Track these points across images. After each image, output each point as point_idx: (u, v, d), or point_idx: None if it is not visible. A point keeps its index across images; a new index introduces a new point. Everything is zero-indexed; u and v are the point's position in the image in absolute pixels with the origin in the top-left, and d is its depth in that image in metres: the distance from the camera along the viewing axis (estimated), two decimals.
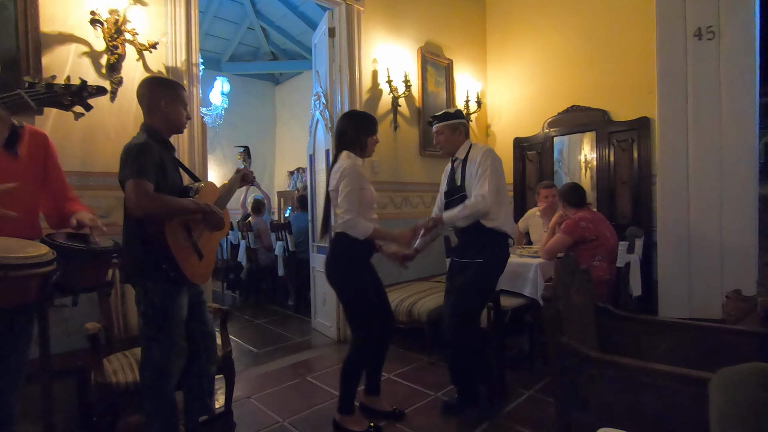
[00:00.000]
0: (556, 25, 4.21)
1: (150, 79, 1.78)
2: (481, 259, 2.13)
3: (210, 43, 6.69)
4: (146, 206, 1.49)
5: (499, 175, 2.16)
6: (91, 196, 2.24)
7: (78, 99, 1.22)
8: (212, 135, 6.64)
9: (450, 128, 2.24)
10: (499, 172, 2.15)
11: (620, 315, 1.85)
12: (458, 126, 2.24)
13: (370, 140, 2.13)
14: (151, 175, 1.53)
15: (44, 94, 1.16)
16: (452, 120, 2.24)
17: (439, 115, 2.29)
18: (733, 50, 2.87)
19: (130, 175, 1.50)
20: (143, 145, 1.56)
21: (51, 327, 1.51)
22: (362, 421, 2.09)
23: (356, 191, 1.99)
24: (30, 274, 1.07)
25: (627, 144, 3.75)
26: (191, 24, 2.61)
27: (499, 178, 2.15)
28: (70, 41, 2.22)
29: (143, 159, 1.52)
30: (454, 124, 2.23)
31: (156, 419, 1.62)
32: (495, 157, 2.15)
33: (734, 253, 2.89)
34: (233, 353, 2.17)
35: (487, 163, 2.11)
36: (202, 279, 1.73)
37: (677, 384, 1.20)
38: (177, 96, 1.72)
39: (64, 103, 1.20)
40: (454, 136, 2.24)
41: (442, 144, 2.27)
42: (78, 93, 1.21)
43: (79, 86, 1.20)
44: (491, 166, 2.11)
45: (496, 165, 2.14)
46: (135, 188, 1.48)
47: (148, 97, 1.69)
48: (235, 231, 5.69)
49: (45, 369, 1.54)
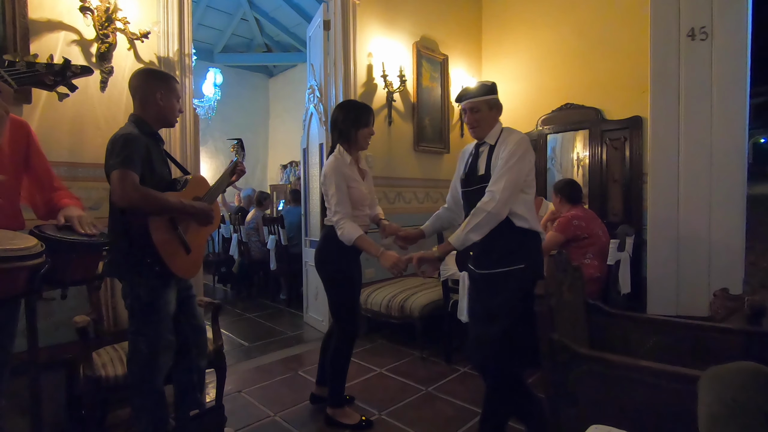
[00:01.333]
0: (551, 23, 4.22)
1: (145, 70, 1.75)
2: (522, 264, 1.69)
3: (202, 33, 6.59)
4: (131, 198, 1.47)
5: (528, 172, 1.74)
6: (80, 187, 2.20)
7: (61, 79, 1.18)
8: (204, 127, 6.56)
9: (488, 105, 1.82)
10: (527, 168, 1.74)
11: (610, 312, 1.87)
12: (496, 103, 1.85)
13: (360, 133, 2.05)
14: (137, 167, 1.51)
15: (24, 72, 1.12)
16: (491, 95, 1.83)
17: (474, 89, 1.85)
18: (725, 51, 2.90)
19: (115, 165, 1.47)
20: (129, 135, 1.53)
21: (39, 320, 1.48)
22: (353, 415, 2.10)
23: (342, 191, 1.98)
24: (18, 266, 1.05)
25: (619, 143, 3.78)
26: (184, 13, 2.56)
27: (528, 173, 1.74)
28: (59, 29, 2.17)
29: (129, 150, 1.50)
30: (492, 101, 1.83)
31: (144, 413, 1.61)
32: (529, 148, 1.76)
33: (722, 251, 2.93)
34: (224, 347, 2.16)
35: (517, 153, 1.69)
36: (189, 273, 1.70)
37: (666, 381, 1.22)
38: (171, 89, 1.70)
39: (47, 83, 1.16)
40: (491, 114, 1.83)
41: (478, 123, 1.83)
42: (61, 72, 1.17)
43: (62, 65, 1.17)
44: (520, 159, 1.69)
45: (527, 158, 1.74)
46: (120, 179, 1.46)
47: (143, 89, 1.66)
48: (227, 224, 5.66)
49: (33, 362, 1.52)
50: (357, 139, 2.06)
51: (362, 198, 2.06)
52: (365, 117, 2.06)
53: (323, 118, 3.41)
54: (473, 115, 1.83)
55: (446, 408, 2.27)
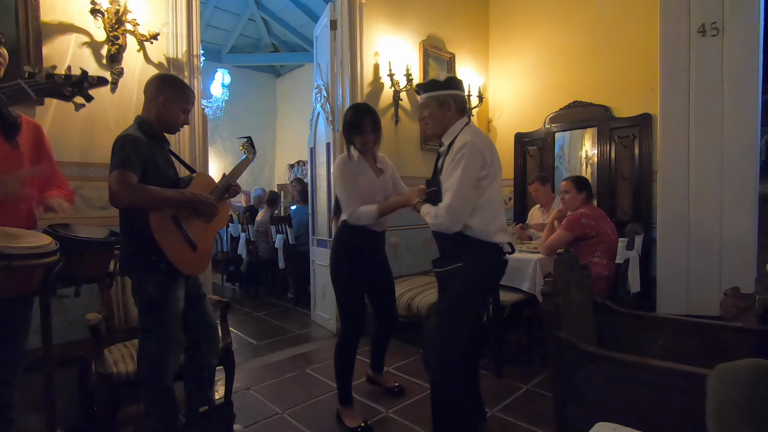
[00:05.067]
0: (558, 20, 4.18)
1: (162, 74, 1.80)
2: (460, 263, 1.69)
3: (210, 34, 6.64)
4: (125, 198, 1.50)
5: (481, 176, 1.65)
6: (91, 187, 2.24)
7: (78, 89, 1.21)
8: (213, 127, 6.63)
9: (436, 101, 1.71)
10: (474, 173, 1.63)
11: (619, 311, 1.86)
12: (446, 99, 1.71)
13: (356, 140, 2.07)
14: (136, 167, 1.53)
15: (44, 84, 1.15)
16: (439, 91, 1.72)
17: (424, 84, 1.78)
18: (736, 47, 2.85)
19: (113, 166, 1.51)
20: (128, 136, 1.56)
21: (53, 317, 1.51)
22: (356, 418, 2.09)
23: (350, 185, 2.03)
24: (34, 264, 1.08)
25: (628, 140, 3.74)
26: (192, 14, 2.59)
27: (480, 179, 1.65)
28: (71, 31, 2.21)
29: (128, 150, 1.52)
30: (441, 97, 1.71)
31: (155, 410, 1.63)
32: (474, 151, 1.61)
33: (733, 250, 2.89)
34: (233, 345, 2.18)
35: (461, 163, 1.60)
36: (196, 270, 1.72)
37: (674, 380, 1.21)
38: (178, 98, 1.70)
39: (65, 94, 1.20)
40: (440, 112, 1.72)
41: (425, 121, 1.76)
42: (79, 83, 1.20)
43: (79, 77, 1.20)
44: (465, 168, 1.60)
45: (473, 163, 1.61)
46: (116, 179, 1.49)
47: (150, 92, 1.69)
48: (236, 223, 5.70)
49: (47, 359, 1.55)
50: (356, 144, 2.08)
51: (371, 193, 2.10)
52: (358, 124, 2.04)
53: (330, 118, 3.43)
54: (422, 111, 1.76)
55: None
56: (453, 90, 1.74)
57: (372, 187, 2.09)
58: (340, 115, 3.43)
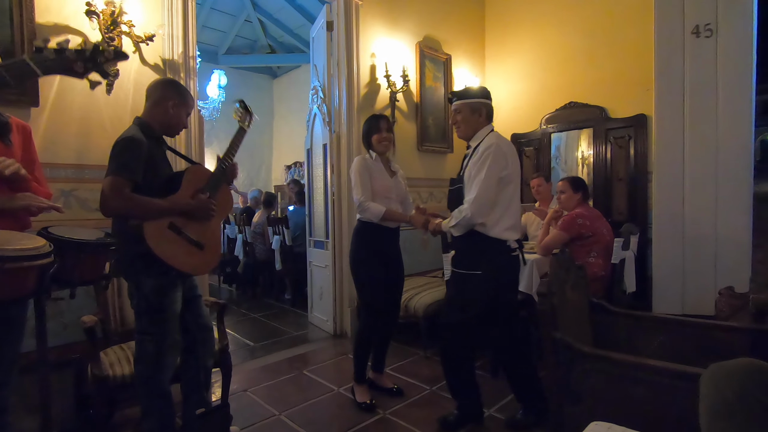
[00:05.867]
0: (554, 22, 4.20)
1: (168, 79, 1.85)
2: (479, 271, 1.92)
3: (207, 35, 6.63)
4: (114, 205, 1.49)
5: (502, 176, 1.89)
6: (86, 189, 2.23)
7: (93, 65, 1.14)
8: (209, 128, 6.58)
9: (470, 108, 1.99)
10: (496, 173, 1.87)
11: (614, 311, 1.87)
12: (479, 107, 1.99)
13: (373, 139, 2.34)
14: (133, 172, 1.51)
15: (53, 59, 1.09)
16: (473, 99, 2.00)
17: (459, 92, 2.07)
18: (730, 48, 2.87)
19: (109, 171, 1.49)
20: (128, 139, 1.54)
21: (48, 319, 1.50)
22: (365, 394, 2.32)
23: (364, 179, 2.24)
24: (27, 266, 1.07)
25: (624, 141, 3.76)
26: (188, 16, 2.59)
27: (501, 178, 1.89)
28: (66, 32, 2.19)
29: (127, 155, 1.51)
30: (474, 104, 1.99)
31: (152, 412, 1.62)
32: (498, 153, 1.88)
33: (728, 250, 2.90)
34: (230, 347, 2.18)
35: (486, 162, 1.85)
36: (211, 265, 1.78)
37: (669, 379, 1.22)
38: (185, 103, 1.74)
39: (76, 71, 1.13)
40: (473, 118, 2.00)
41: (458, 124, 2.04)
42: (92, 58, 1.13)
43: (92, 51, 1.13)
44: (489, 167, 1.85)
45: (497, 163, 1.87)
46: (109, 185, 1.47)
47: (158, 95, 1.69)
48: (233, 225, 5.69)
49: (42, 361, 1.54)
50: (373, 144, 2.33)
51: (385, 191, 2.30)
52: (374, 125, 2.34)
53: (327, 119, 3.43)
54: (455, 116, 2.05)
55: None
56: (485, 99, 2.03)
57: (386, 185, 2.31)
58: (337, 116, 3.44)
